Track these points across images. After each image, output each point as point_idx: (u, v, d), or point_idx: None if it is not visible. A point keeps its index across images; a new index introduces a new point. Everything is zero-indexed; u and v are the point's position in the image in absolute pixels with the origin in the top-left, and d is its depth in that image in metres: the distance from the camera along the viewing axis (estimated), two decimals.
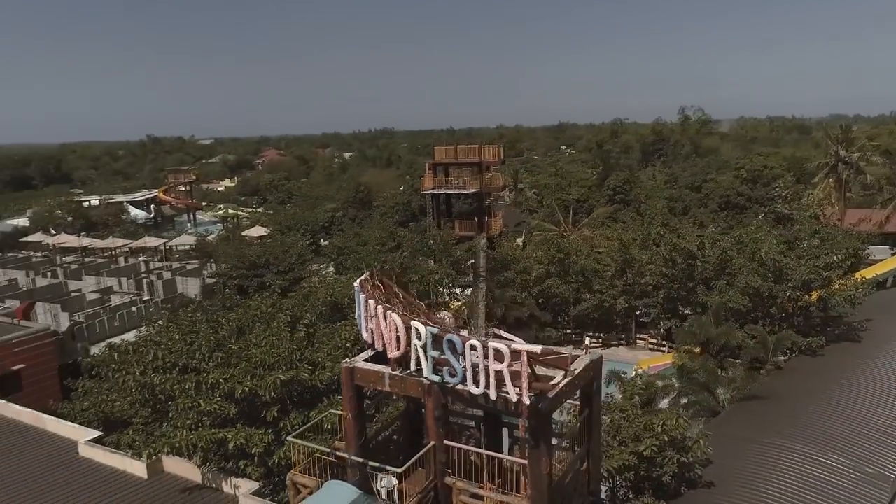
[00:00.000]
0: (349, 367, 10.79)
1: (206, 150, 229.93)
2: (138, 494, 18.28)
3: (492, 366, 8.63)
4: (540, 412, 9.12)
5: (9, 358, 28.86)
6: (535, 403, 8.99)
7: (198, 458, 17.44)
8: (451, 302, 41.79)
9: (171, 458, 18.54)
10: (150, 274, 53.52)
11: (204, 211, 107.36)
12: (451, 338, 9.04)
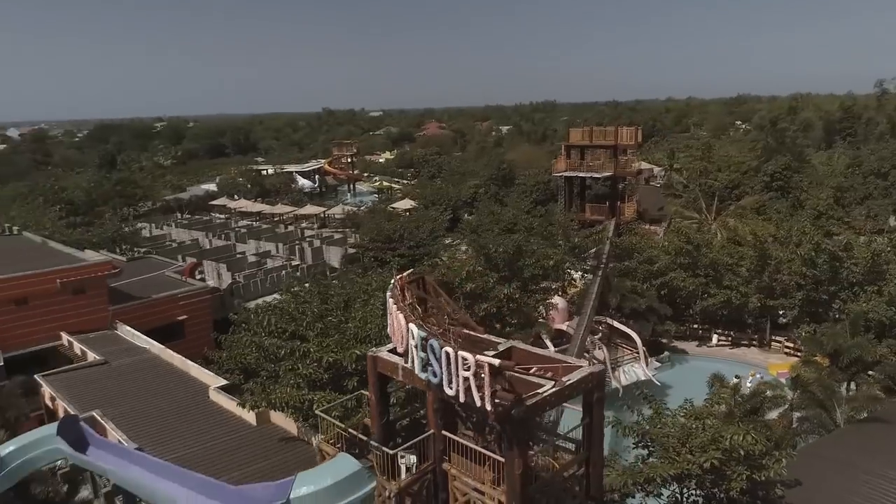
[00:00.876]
0: (373, 356, 12.24)
1: (373, 123, 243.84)
2: (247, 438, 21.56)
3: (460, 372, 9.56)
4: (513, 417, 9.91)
5: (175, 309, 34.48)
6: (508, 409, 9.81)
7: (290, 414, 20.14)
8: (568, 287, 41.89)
9: (276, 411, 21.56)
10: (302, 241, 59.29)
11: (363, 182, 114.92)
12: (431, 342, 10.07)
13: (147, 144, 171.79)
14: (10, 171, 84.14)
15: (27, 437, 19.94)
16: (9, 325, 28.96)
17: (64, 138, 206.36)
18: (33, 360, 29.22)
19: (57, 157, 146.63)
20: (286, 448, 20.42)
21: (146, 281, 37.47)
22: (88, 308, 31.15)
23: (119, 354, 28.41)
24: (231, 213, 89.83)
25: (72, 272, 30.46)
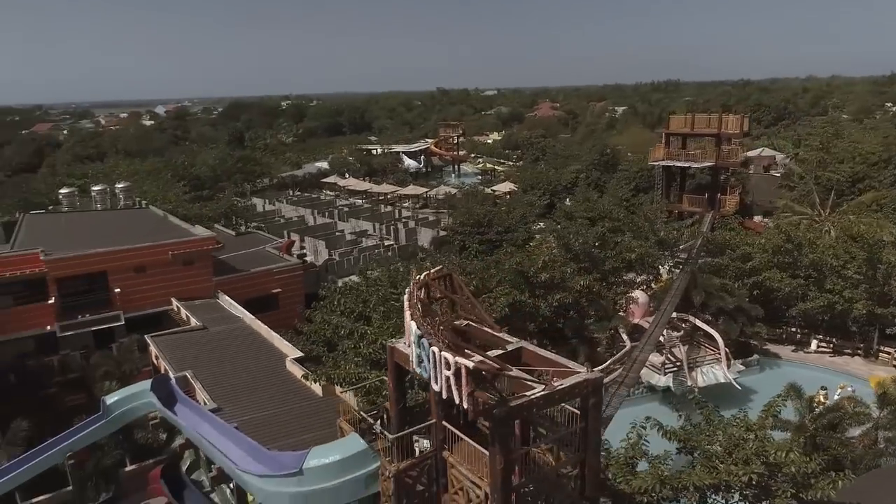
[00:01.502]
0: (391, 346, 13.24)
1: (486, 102, 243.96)
2: (313, 407, 23.51)
3: (442, 371, 10.29)
4: (495, 416, 10.54)
5: (270, 283, 37.55)
6: (488, 409, 10.45)
7: (346, 389, 21.78)
8: (653, 281, 40.78)
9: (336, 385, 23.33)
10: (398, 221, 61.58)
11: (468, 163, 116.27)
12: (423, 340, 10.85)
13: (273, 122, 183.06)
14: (150, 147, 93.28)
15: (129, 390, 23.08)
16: (129, 290, 33.02)
17: (202, 115, 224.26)
18: (149, 321, 33.20)
19: (194, 134, 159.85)
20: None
21: (249, 255, 40.95)
22: (195, 278, 34.74)
23: (217, 322, 31.59)
24: (340, 190, 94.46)
25: (182, 245, 34.10)
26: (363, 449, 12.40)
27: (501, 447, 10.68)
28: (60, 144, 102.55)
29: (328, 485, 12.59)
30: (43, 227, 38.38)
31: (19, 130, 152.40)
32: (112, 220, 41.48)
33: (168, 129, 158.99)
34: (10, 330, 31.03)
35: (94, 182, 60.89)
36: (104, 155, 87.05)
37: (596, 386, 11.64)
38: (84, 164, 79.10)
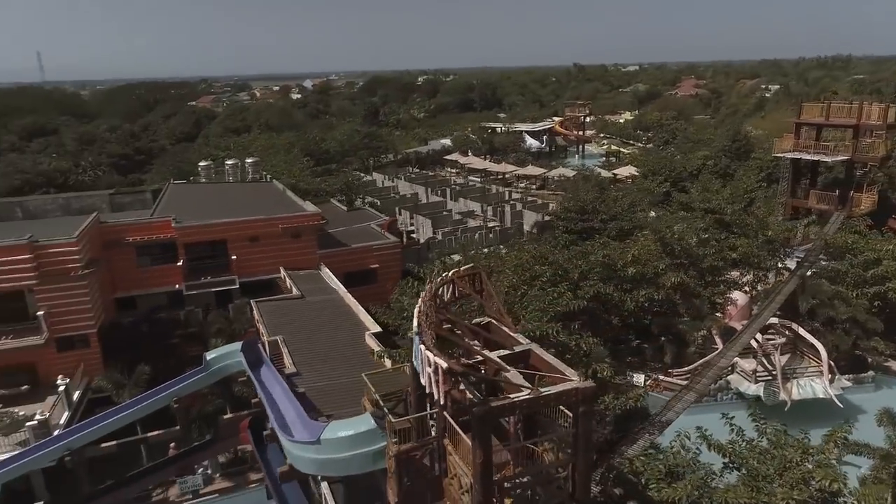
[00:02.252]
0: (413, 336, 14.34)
1: (625, 79, 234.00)
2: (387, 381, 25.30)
3: (426, 367, 11.15)
4: (475, 414, 11.27)
5: (369, 259, 40.04)
6: (465, 408, 11.23)
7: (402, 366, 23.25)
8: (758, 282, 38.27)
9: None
10: (506, 203, 62.08)
11: (593, 144, 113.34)
12: (414, 337, 11.73)
13: (407, 97, 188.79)
14: (289, 122, 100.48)
15: (226, 348, 26.25)
16: (244, 257, 36.80)
17: (344, 90, 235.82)
18: (260, 287, 36.90)
19: (334, 108, 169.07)
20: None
21: (355, 230, 43.72)
22: (302, 250, 37.91)
23: (314, 292, 34.45)
24: (461, 168, 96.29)
25: (291, 219, 37.31)
26: (373, 428, 13.68)
27: (481, 443, 11.46)
28: (215, 117, 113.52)
29: (339, 456, 14.08)
30: (181, 196, 43.54)
31: (186, 102, 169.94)
32: (238, 192, 46.04)
33: (311, 103, 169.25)
34: (148, 286, 35.89)
35: (235, 154, 67.34)
36: (249, 128, 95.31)
37: (586, 395, 11.99)
38: (229, 137, 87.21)
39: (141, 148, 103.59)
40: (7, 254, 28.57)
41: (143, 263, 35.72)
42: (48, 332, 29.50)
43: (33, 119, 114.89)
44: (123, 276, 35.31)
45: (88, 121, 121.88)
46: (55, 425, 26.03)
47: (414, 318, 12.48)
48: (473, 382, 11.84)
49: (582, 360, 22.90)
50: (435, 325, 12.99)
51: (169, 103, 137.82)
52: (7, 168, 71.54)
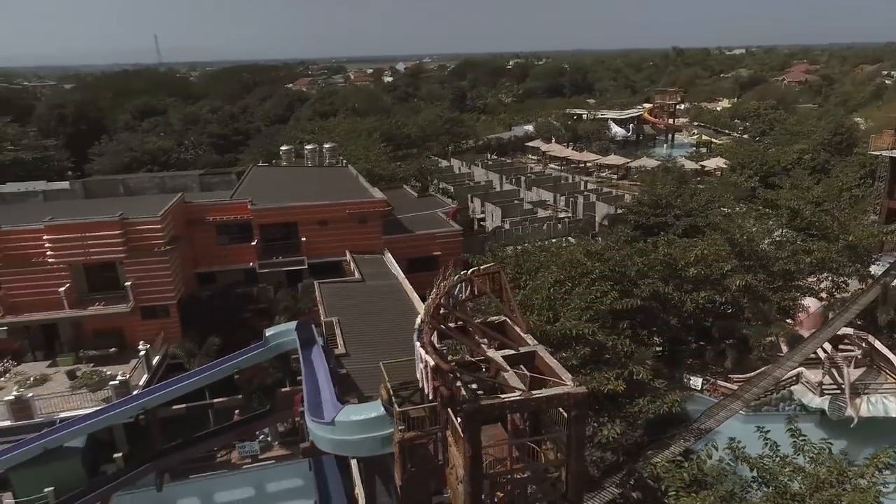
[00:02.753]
0: None
1: (728, 64, 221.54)
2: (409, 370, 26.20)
3: (418, 363, 11.75)
4: (465, 411, 11.79)
5: (431, 245, 41.00)
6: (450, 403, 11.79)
7: None
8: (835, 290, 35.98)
9: None
10: (579, 193, 61.15)
11: (683, 134, 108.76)
12: (416, 336, 12.34)
13: (496, 81, 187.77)
14: (375, 106, 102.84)
15: (283, 326, 27.99)
16: (313, 240, 38.69)
17: (435, 73, 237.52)
18: (327, 268, 38.74)
19: (423, 91, 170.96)
20: None
21: (421, 217, 44.79)
22: (367, 234, 39.39)
23: (375, 276, 35.81)
24: (542, 155, 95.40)
25: (357, 205, 38.81)
26: (382, 415, 14.52)
27: (470, 438, 12.04)
28: (307, 99, 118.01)
29: (351, 438, 15.04)
30: (261, 179, 46.19)
31: (284, 85, 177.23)
32: (314, 176, 48.20)
33: (401, 86, 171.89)
34: (226, 263, 38.54)
35: (319, 138, 70.05)
36: (336, 112, 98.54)
37: (577, 400, 12.27)
38: (317, 120, 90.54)
39: (238, 129, 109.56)
40: (101, 229, 31.66)
41: (221, 242, 38.35)
42: (134, 301, 32.53)
43: (145, 100, 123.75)
44: (204, 252, 38.09)
45: (193, 102, 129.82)
46: (134, 386, 28.85)
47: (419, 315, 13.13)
48: (470, 381, 12.41)
49: (620, 360, 22.82)
50: (442, 322, 13.61)
51: (266, 86, 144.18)
52: (119, 146, 77.95)
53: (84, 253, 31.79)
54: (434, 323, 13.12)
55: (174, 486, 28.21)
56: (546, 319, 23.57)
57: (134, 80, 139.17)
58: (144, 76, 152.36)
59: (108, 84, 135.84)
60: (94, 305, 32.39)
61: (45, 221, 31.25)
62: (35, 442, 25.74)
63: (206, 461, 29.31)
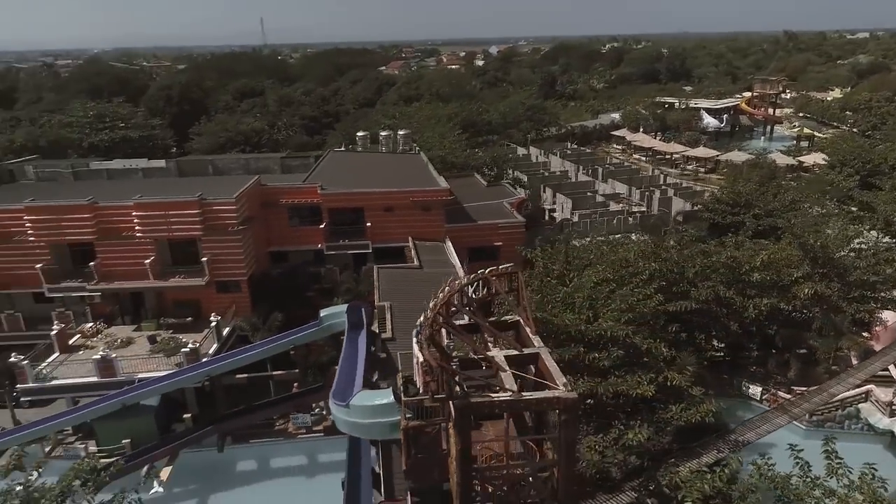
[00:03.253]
0: None
1: (847, 49, 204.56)
2: None
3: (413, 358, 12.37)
4: (456, 406, 12.34)
5: (493, 236, 41.41)
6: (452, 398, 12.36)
7: None
8: None
9: None
10: (656, 187, 59.22)
11: (784, 126, 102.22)
12: (414, 332, 12.95)
13: (589, 66, 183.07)
14: (459, 91, 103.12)
15: (336, 308, 29.46)
16: (379, 225, 40.10)
17: (528, 57, 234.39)
18: (391, 253, 40.10)
19: (513, 76, 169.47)
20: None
21: (487, 206, 45.22)
22: (430, 222, 40.34)
23: (433, 264, 36.74)
24: (627, 145, 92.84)
25: (420, 193, 39.79)
26: (391, 402, 15.31)
27: (460, 432, 12.67)
28: (393, 83, 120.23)
29: (363, 421, 15.95)
30: (335, 164, 48.12)
31: (377, 68, 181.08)
32: (385, 163, 49.63)
33: (490, 70, 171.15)
34: (296, 243, 40.69)
35: (400, 123, 71.56)
36: (421, 96, 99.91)
37: (567, 405, 12.58)
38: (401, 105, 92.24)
39: (329, 111, 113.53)
40: (182, 208, 34.38)
41: (293, 223, 40.51)
42: (209, 276, 35.16)
43: (245, 81, 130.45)
44: (277, 232, 40.40)
45: (289, 84, 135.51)
46: (203, 354, 31.37)
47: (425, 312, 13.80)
48: (462, 378, 12.99)
49: (657, 364, 22.56)
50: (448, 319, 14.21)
51: (359, 69, 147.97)
52: (215, 127, 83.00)
53: (167, 229, 34.68)
54: (439, 319, 13.73)
55: (234, 449, 30.57)
56: (586, 319, 23.58)
57: (237, 62, 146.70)
58: (247, 58, 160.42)
59: (215, 65, 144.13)
60: (174, 278, 35.30)
61: (135, 199, 34.30)
62: (116, 398, 28.72)
63: (265, 428, 31.48)
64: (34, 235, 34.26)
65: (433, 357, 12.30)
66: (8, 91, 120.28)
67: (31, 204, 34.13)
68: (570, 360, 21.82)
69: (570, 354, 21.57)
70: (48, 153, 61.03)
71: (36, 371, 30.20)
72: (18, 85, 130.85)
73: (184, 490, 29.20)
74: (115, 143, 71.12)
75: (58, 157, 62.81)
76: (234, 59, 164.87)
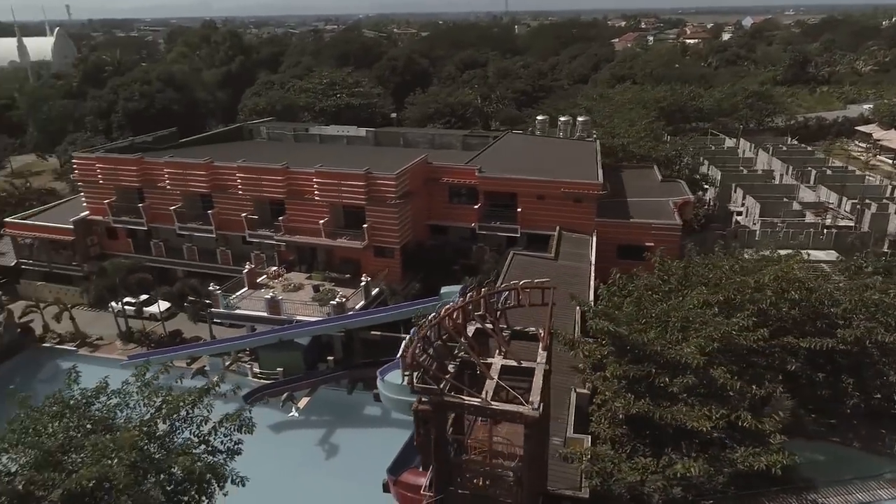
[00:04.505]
0: None
1: None
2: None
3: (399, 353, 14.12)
4: (429, 402, 13.93)
5: (644, 236, 40.09)
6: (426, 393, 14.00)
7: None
8: None
9: None
10: (875, 201, 50.94)
11: None
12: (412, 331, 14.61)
13: (859, 45, 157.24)
14: (675, 73, 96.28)
15: (455, 287, 31.98)
16: (529, 211, 41.40)
17: (784, 31, 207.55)
18: (538, 239, 41.34)
19: (759, 53, 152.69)
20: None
21: (649, 203, 43.72)
22: (579, 214, 40.50)
23: (569, 256, 37.22)
24: (873, 143, 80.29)
25: (571, 185, 40.03)
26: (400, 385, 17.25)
27: (436, 426, 14.41)
28: (610, 60, 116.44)
29: (390, 396, 18.22)
30: (506, 146, 49.92)
31: (609, 40, 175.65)
32: (554, 149, 49.97)
33: (732, 47, 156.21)
34: (453, 220, 43.75)
35: (598, 105, 70.41)
36: (634, 76, 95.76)
37: (528, 422, 13.59)
38: (610, 83, 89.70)
39: (543, 85, 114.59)
40: (351, 179, 39.33)
41: (452, 201, 43.60)
42: (368, 241, 39.91)
43: (470, 52, 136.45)
44: (438, 207, 43.85)
45: (512, 56, 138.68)
46: (348, 309, 36.22)
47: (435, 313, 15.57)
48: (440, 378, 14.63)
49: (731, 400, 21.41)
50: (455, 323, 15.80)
51: (581, 43, 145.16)
52: (427, 98, 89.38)
53: (338, 196, 40.01)
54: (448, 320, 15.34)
55: (361, 393, 35.14)
56: (674, 340, 22.97)
57: (466, 33, 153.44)
58: (477, 29, 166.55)
59: (447, 35, 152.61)
60: (341, 238, 40.72)
61: (316, 167, 40.08)
62: (275, 333, 34.87)
63: None
64: (242, 190, 41.98)
65: (412, 355, 14.11)
66: (276, 55, 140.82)
67: (241, 164, 41.77)
68: (635, 378, 21.76)
69: (635, 373, 21.48)
70: (283, 115, 72.03)
71: (227, 300, 37.69)
72: (287, 49, 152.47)
73: (316, 419, 34.60)
74: (339, 109, 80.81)
75: (291, 119, 73.80)
76: (467, 29, 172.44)
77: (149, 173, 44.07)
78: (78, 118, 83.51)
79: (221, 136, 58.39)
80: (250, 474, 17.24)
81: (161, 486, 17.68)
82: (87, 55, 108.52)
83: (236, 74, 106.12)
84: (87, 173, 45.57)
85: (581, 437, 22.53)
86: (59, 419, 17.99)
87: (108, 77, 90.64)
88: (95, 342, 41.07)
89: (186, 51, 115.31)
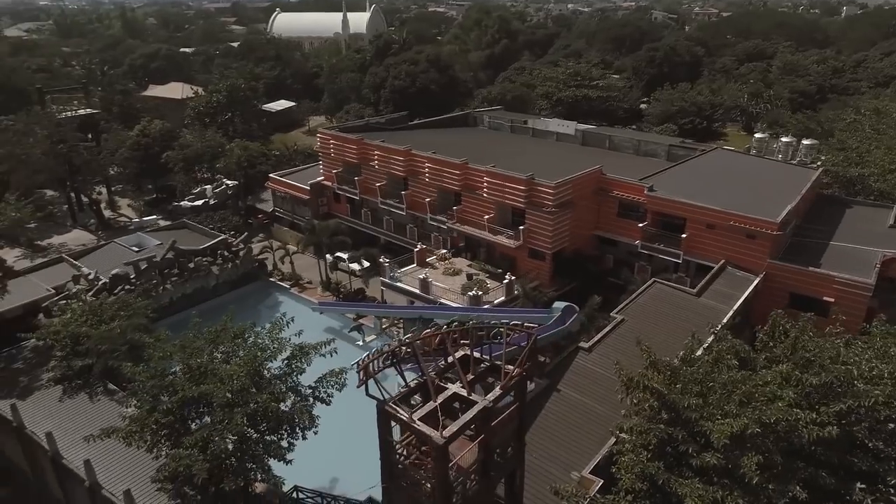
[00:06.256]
0: None
1: None
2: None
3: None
4: (377, 407, 16.54)
5: (825, 289, 34.91)
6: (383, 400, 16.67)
7: None
8: None
9: None
10: None
11: None
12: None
13: None
14: None
15: (562, 303, 32.67)
16: (696, 239, 38.96)
17: None
18: (700, 268, 39.04)
19: None
20: None
21: (851, 251, 37.64)
22: (750, 251, 36.88)
23: (716, 295, 34.58)
24: None
25: (742, 220, 36.52)
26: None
27: (382, 427, 17.19)
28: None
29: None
30: (703, 164, 46.45)
31: None
32: (758, 173, 44.65)
33: None
34: (619, 233, 43.18)
35: (859, 124, 59.74)
36: None
37: (434, 447, 15.63)
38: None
39: (836, 86, 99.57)
40: (516, 182, 41.48)
41: (621, 215, 43.03)
42: (522, 242, 41.96)
43: (757, 42, 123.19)
44: (605, 219, 43.70)
45: (808, 49, 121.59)
46: (485, 302, 39.11)
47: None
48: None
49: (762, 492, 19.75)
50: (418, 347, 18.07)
51: None
52: (673, 94, 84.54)
53: (502, 196, 42.62)
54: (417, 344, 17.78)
55: None
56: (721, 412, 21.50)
57: (755, 21, 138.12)
58: (769, 17, 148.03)
59: (731, 23, 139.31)
60: (500, 235, 43.46)
61: (486, 168, 43.13)
62: (418, 310, 39.57)
63: None
64: (428, 178, 47.12)
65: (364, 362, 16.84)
66: (550, 37, 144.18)
67: (429, 155, 46.79)
68: (662, 440, 21.23)
69: (657, 433, 20.95)
70: (513, 105, 75.64)
71: (392, 273, 43.47)
72: (562, 32, 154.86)
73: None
74: (577, 100, 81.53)
75: (523, 108, 77.16)
76: (751, 17, 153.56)
77: (364, 152, 51.82)
78: (360, 90, 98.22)
79: (447, 122, 64.49)
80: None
81: (246, 414, 23.00)
82: (381, 33, 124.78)
83: (499, 56, 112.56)
84: (324, 146, 55.29)
85: (593, 479, 22.96)
86: (214, 345, 24.35)
87: (394, 54, 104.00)
88: (305, 284, 50.65)
89: (460, 33, 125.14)
